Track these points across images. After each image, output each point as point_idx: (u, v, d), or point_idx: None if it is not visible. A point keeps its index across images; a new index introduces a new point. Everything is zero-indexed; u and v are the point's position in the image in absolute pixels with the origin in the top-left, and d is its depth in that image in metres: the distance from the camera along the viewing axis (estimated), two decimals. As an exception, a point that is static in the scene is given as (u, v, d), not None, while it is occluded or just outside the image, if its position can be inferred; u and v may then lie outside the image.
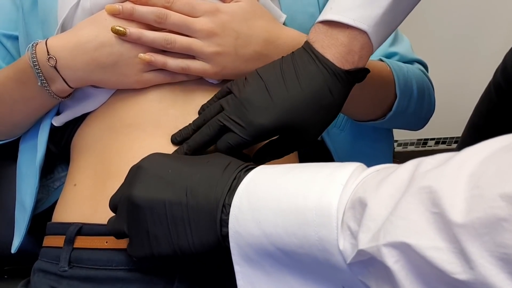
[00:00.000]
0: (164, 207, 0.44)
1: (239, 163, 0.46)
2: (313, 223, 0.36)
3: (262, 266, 0.40)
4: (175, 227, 0.44)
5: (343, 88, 0.51)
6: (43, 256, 0.59)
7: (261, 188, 0.41)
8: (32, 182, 0.64)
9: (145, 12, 0.56)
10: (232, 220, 0.41)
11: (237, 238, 0.41)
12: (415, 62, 0.73)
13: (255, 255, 0.40)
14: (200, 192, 0.44)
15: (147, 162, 0.48)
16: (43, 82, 0.58)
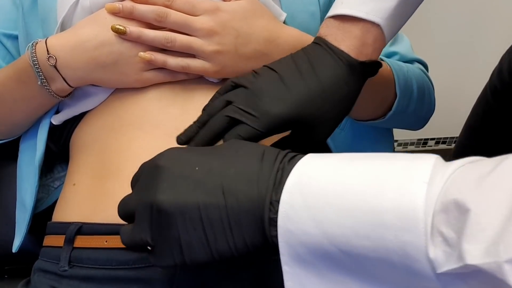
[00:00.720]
0: (198, 210, 0.39)
1: (275, 151, 0.41)
2: (392, 226, 0.33)
3: (317, 268, 0.37)
4: (213, 231, 0.39)
5: (358, 81, 0.50)
6: (43, 255, 0.59)
7: (318, 183, 0.37)
8: (32, 181, 0.64)
9: (145, 10, 0.56)
10: (282, 218, 0.37)
11: (288, 237, 0.37)
12: (415, 61, 0.73)
13: (310, 255, 0.37)
14: (239, 190, 0.39)
15: (167, 160, 0.42)
16: (43, 81, 0.58)
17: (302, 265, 0.38)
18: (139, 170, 0.45)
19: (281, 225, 0.37)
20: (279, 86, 0.48)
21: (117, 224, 0.54)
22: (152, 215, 0.41)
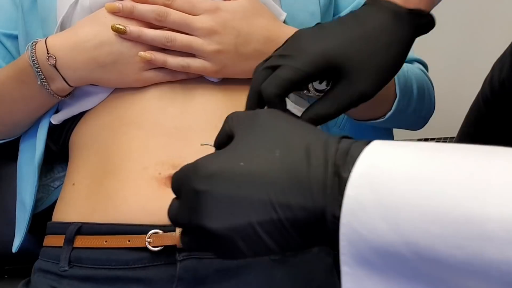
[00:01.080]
0: (253, 229, 0.36)
1: (321, 139, 0.35)
2: (497, 238, 0.28)
3: (383, 272, 0.33)
4: (273, 240, 0.36)
5: (405, 31, 0.47)
6: (43, 255, 0.59)
7: (394, 177, 0.32)
8: (32, 181, 0.64)
9: (145, 10, 0.56)
10: (346, 215, 0.32)
11: (352, 237, 0.33)
12: (415, 61, 0.73)
13: (377, 258, 0.33)
14: (292, 203, 0.34)
15: (208, 183, 0.37)
16: (42, 81, 0.58)
17: (366, 267, 0.34)
18: (179, 179, 0.40)
19: (344, 223, 0.33)
20: (319, 30, 0.46)
21: (117, 224, 0.54)
22: (207, 240, 0.38)
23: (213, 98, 0.60)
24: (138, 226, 0.54)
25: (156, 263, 0.54)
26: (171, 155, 0.56)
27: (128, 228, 0.54)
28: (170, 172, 0.55)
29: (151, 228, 0.53)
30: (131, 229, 0.54)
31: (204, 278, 0.53)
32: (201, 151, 0.56)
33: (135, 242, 0.53)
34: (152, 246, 0.53)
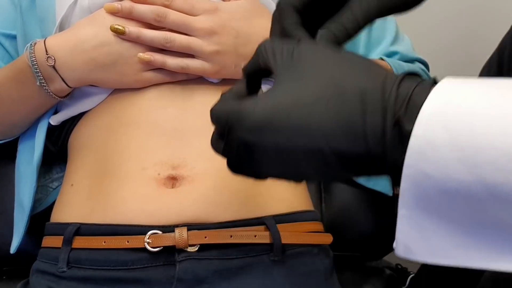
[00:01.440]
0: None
1: (377, 82, 0.32)
2: None
3: (449, 216, 0.31)
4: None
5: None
6: (42, 256, 0.59)
7: (472, 115, 0.29)
8: (30, 182, 0.64)
9: (144, 10, 0.56)
10: (412, 155, 0.30)
11: (417, 178, 0.30)
12: (416, 61, 0.73)
13: (446, 201, 0.31)
14: (346, 153, 0.32)
15: (256, 135, 0.35)
16: (41, 81, 0.58)
17: (427, 210, 0.31)
18: (221, 122, 0.40)
19: (410, 165, 0.30)
20: None
21: (116, 224, 0.54)
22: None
23: (212, 99, 0.59)
24: (137, 227, 0.54)
25: (155, 264, 0.53)
26: (171, 156, 0.56)
27: (127, 229, 0.54)
28: (169, 173, 0.55)
29: (150, 229, 0.53)
30: (130, 230, 0.54)
31: (204, 279, 0.53)
32: (200, 152, 0.57)
33: (134, 242, 0.53)
34: (151, 246, 0.53)
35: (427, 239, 0.32)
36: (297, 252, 0.57)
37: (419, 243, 0.32)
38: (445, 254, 0.32)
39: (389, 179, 0.73)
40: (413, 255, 0.32)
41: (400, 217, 0.32)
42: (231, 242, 0.54)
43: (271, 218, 0.56)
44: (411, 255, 0.33)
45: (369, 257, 0.78)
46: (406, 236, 0.32)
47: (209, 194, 0.55)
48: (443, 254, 0.32)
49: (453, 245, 0.31)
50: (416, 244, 0.32)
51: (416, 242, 0.32)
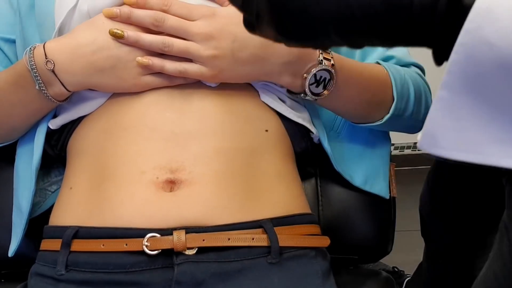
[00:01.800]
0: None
1: None
2: None
3: (499, 101, 0.28)
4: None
5: None
6: (40, 259, 0.59)
7: None
8: (29, 186, 0.64)
9: (142, 15, 0.56)
10: (475, 19, 0.27)
11: (475, 48, 0.27)
12: (412, 65, 0.74)
13: (502, 81, 0.27)
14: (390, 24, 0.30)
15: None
16: (40, 85, 0.58)
17: (474, 93, 0.28)
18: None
19: (470, 30, 0.27)
20: None
21: (114, 227, 0.54)
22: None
23: (210, 103, 0.60)
24: (135, 230, 0.54)
25: (153, 267, 0.54)
26: (169, 160, 0.56)
27: (125, 232, 0.54)
28: (167, 177, 0.56)
29: (149, 232, 0.53)
30: (128, 233, 0.54)
31: (201, 281, 0.53)
32: (198, 156, 0.57)
33: (132, 245, 0.54)
34: (149, 249, 0.53)
35: (461, 130, 0.29)
36: (295, 255, 0.57)
37: (450, 134, 0.29)
38: (475, 149, 0.29)
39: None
40: (438, 148, 0.30)
41: (437, 100, 0.29)
42: (229, 245, 0.54)
43: (268, 221, 0.56)
44: (436, 149, 0.30)
45: (366, 260, 0.79)
46: (437, 124, 0.30)
47: (207, 198, 0.55)
48: (473, 149, 0.29)
49: (489, 139, 0.29)
50: (446, 135, 0.29)
51: (447, 133, 0.29)
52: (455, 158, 0.30)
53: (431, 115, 0.30)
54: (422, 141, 0.30)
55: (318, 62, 0.59)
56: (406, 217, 1.04)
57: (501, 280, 0.56)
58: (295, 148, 0.67)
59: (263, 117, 0.63)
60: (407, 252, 1.13)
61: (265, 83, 0.63)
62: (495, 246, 0.60)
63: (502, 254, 0.57)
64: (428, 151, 0.30)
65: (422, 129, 0.30)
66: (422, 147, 0.31)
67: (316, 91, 0.61)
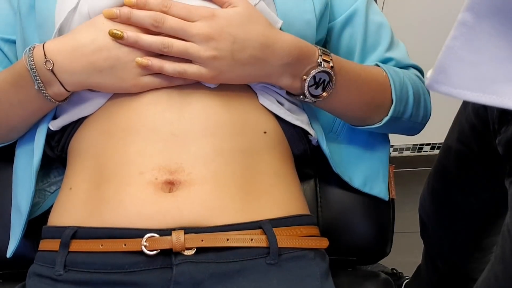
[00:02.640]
0: None
1: None
2: None
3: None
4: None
5: None
6: (39, 260, 0.59)
7: None
8: (28, 187, 0.64)
9: (142, 16, 0.56)
10: None
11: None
12: (411, 67, 0.74)
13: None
14: None
15: None
16: (40, 85, 0.58)
17: (501, 18, 0.26)
18: None
19: None
20: None
21: (113, 228, 0.55)
22: None
23: (210, 104, 0.60)
24: (134, 230, 0.54)
25: (152, 267, 0.54)
26: (168, 160, 0.56)
27: (124, 232, 0.54)
28: (166, 177, 0.56)
29: (147, 232, 0.53)
30: (127, 233, 0.54)
31: (200, 282, 0.53)
32: (197, 157, 0.57)
33: (131, 246, 0.54)
34: (148, 250, 0.53)
35: (478, 64, 0.26)
36: (293, 256, 0.57)
37: (465, 69, 0.27)
38: (489, 88, 0.26)
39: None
40: (448, 86, 0.27)
41: (457, 26, 0.27)
42: (227, 245, 0.54)
43: (267, 222, 0.56)
44: (445, 87, 0.27)
45: (364, 261, 0.79)
46: (453, 55, 0.27)
47: (206, 198, 0.55)
48: (486, 88, 0.26)
49: (506, 77, 0.26)
50: (460, 69, 0.27)
51: (462, 67, 0.27)
52: (466, 98, 0.28)
53: (448, 44, 0.27)
54: (432, 79, 0.28)
55: (318, 64, 0.59)
56: (405, 219, 1.04)
57: (503, 283, 0.56)
58: (294, 150, 0.67)
59: (262, 119, 0.63)
60: (406, 253, 1.13)
61: (264, 85, 0.63)
62: (497, 249, 0.60)
63: (504, 258, 0.57)
64: (437, 90, 0.28)
65: (435, 64, 0.28)
66: (431, 86, 0.28)
67: (315, 93, 0.61)
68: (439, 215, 0.94)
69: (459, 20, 0.27)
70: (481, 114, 0.74)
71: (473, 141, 0.79)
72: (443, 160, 0.90)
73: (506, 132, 0.60)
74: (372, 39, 0.71)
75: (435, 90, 0.29)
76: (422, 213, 0.99)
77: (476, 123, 0.77)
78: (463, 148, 0.82)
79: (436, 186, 0.92)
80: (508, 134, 0.60)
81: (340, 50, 0.72)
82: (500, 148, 0.62)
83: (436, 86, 0.29)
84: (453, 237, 0.94)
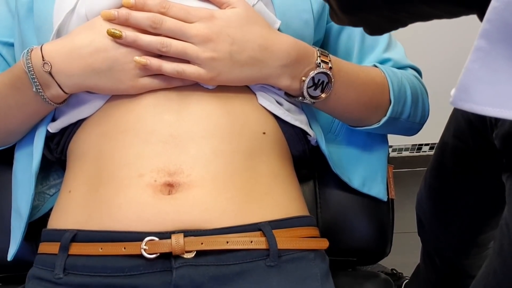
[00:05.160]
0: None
1: None
2: None
3: None
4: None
5: None
6: (38, 263, 0.59)
7: None
8: (28, 189, 0.64)
9: (140, 17, 0.56)
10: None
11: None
12: (409, 68, 0.74)
13: None
14: None
15: None
16: (37, 88, 0.58)
17: (510, 41, 0.28)
18: None
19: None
20: None
21: (112, 231, 0.54)
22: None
23: (208, 106, 0.60)
24: (133, 233, 0.54)
25: (151, 271, 0.54)
26: (167, 163, 0.56)
27: (123, 235, 0.54)
28: (165, 179, 0.56)
29: (147, 235, 0.53)
30: (126, 236, 0.54)
31: (200, 285, 0.53)
32: (196, 159, 0.57)
33: (131, 249, 0.53)
34: (148, 253, 0.53)
35: (496, 83, 0.28)
36: (293, 257, 0.57)
37: (485, 88, 0.29)
38: (507, 103, 0.28)
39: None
40: (471, 103, 0.29)
41: (475, 51, 0.29)
42: (227, 248, 0.54)
43: (267, 223, 0.56)
44: (469, 104, 0.29)
45: (364, 262, 0.79)
46: (473, 76, 0.29)
47: (205, 201, 0.55)
48: (505, 103, 0.28)
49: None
50: (481, 88, 0.29)
51: (482, 86, 0.29)
52: (488, 113, 0.30)
53: (467, 66, 0.29)
54: (456, 97, 0.30)
55: (316, 65, 0.59)
56: (405, 219, 1.04)
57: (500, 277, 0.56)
58: (293, 150, 0.67)
59: (261, 120, 0.63)
60: (405, 254, 1.14)
61: (262, 86, 0.63)
62: (495, 244, 0.60)
63: (502, 251, 0.57)
64: (461, 107, 0.30)
65: (457, 83, 0.30)
66: (455, 103, 0.30)
67: (314, 94, 0.61)
68: (436, 211, 0.94)
69: (475, 46, 0.29)
70: None
71: (470, 136, 0.79)
72: (439, 156, 0.90)
73: (503, 126, 0.60)
74: (370, 40, 0.71)
75: (459, 107, 0.31)
76: (418, 210, 0.99)
77: (472, 118, 0.77)
78: (460, 144, 0.83)
79: (433, 183, 0.92)
80: (505, 127, 0.60)
81: (338, 51, 0.72)
82: (497, 142, 0.62)
83: (460, 104, 0.31)
84: (450, 234, 0.94)
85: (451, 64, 1.61)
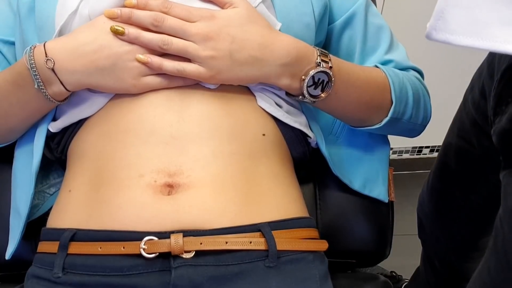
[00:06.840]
0: None
1: None
2: None
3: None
4: None
5: None
6: (37, 262, 0.59)
7: None
8: (27, 189, 0.64)
9: (142, 15, 0.57)
10: None
11: None
12: (410, 69, 0.74)
13: None
14: None
15: None
16: (39, 84, 0.58)
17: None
18: None
19: None
20: None
21: (112, 230, 0.54)
22: None
23: (209, 106, 0.60)
24: (133, 233, 0.54)
25: (150, 270, 0.54)
26: (167, 163, 0.56)
27: (123, 235, 0.54)
28: (165, 180, 0.56)
29: (146, 235, 0.53)
30: (125, 236, 0.54)
31: (199, 285, 0.53)
32: (196, 160, 0.57)
33: (130, 248, 0.53)
34: (147, 253, 0.53)
35: (473, 8, 0.28)
36: (292, 259, 0.57)
37: (462, 12, 0.28)
38: (484, 33, 0.28)
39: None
40: (446, 31, 0.29)
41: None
42: (226, 248, 0.54)
43: (266, 224, 0.56)
44: (444, 33, 0.29)
45: (364, 264, 0.79)
46: (449, 1, 0.29)
47: (205, 201, 0.55)
48: (482, 32, 0.28)
49: (500, 20, 0.28)
50: (458, 12, 0.29)
51: (460, 9, 0.28)
52: (462, 43, 0.30)
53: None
54: (431, 26, 0.30)
55: (316, 64, 0.59)
56: (404, 221, 1.04)
57: (494, 274, 0.56)
58: (292, 152, 0.67)
59: (260, 122, 0.63)
60: (405, 256, 1.13)
61: (262, 87, 0.63)
62: (490, 242, 0.60)
63: (496, 249, 0.57)
64: (435, 38, 0.30)
65: (433, 11, 0.29)
66: (430, 33, 0.30)
67: (314, 93, 0.61)
68: (438, 213, 0.94)
69: None
70: (481, 108, 0.74)
71: (474, 136, 0.79)
72: (443, 157, 0.90)
73: (499, 122, 0.61)
74: (371, 41, 0.71)
75: (434, 38, 0.31)
76: (420, 212, 0.99)
77: (476, 117, 0.77)
78: (464, 144, 0.83)
79: (436, 184, 0.92)
80: (502, 124, 0.60)
81: (340, 52, 0.72)
82: (494, 138, 0.62)
83: (434, 34, 0.30)
84: (451, 236, 0.94)
85: (453, 66, 1.61)
